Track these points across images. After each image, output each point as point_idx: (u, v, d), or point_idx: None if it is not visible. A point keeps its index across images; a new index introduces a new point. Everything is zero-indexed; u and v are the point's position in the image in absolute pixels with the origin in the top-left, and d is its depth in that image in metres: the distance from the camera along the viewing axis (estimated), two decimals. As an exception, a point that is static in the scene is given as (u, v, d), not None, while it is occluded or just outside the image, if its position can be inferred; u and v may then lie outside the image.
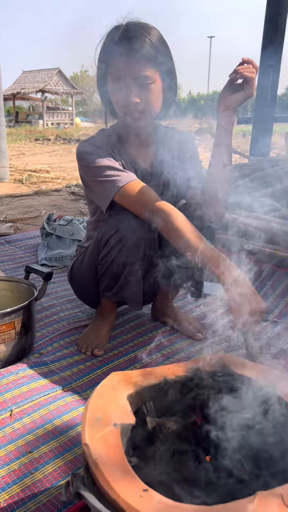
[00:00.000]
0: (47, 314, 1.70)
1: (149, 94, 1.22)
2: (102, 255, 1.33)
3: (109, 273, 1.35)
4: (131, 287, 1.36)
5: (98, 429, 0.66)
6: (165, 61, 1.22)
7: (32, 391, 1.20)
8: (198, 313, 1.80)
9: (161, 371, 0.86)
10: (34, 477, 0.93)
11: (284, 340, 1.59)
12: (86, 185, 1.35)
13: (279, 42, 3.58)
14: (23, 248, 2.56)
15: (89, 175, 1.29)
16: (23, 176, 5.60)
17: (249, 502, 0.56)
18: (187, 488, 0.64)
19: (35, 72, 23.68)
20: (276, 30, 3.54)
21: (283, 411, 0.75)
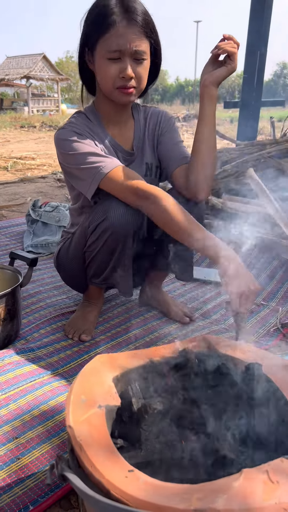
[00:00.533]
0: (33, 301, 1.68)
1: (142, 70, 1.20)
2: (90, 242, 1.31)
3: (97, 260, 1.33)
4: (120, 274, 1.34)
5: (83, 411, 0.65)
6: (156, 38, 1.22)
7: (18, 378, 1.19)
8: (187, 297, 1.79)
9: (147, 352, 0.85)
10: (20, 462, 0.93)
11: (270, 321, 1.60)
12: (67, 172, 1.30)
13: (265, 26, 3.54)
14: (9, 235, 2.53)
15: (70, 162, 1.24)
16: (8, 164, 5.51)
17: (235, 479, 0.56)
18: (173, 467, 0.64)
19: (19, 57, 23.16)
20: (262, 14, 3.50)
21: (269, 389, 0.75)
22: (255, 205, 2.44)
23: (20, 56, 23.26)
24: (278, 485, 0.55)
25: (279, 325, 1.57)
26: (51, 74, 22.67)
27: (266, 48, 3.66)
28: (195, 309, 1.68)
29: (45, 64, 22.55)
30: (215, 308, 1.71)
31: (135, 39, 1.13)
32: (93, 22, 1.16)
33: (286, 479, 0.56)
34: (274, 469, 0.57)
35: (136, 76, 1.19)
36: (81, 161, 1.21)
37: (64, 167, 1.30)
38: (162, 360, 0.84)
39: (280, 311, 1.67)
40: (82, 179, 1.24)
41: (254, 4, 3.52)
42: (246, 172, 2.17)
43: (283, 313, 1.66)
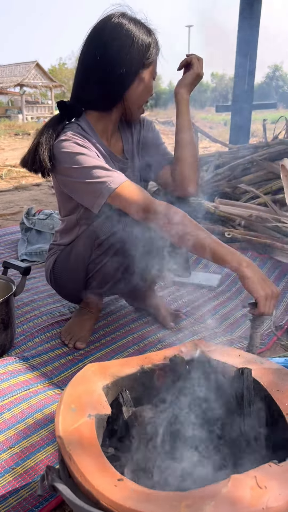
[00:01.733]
0: (27, 310, 1.69)
1: None
2: (96, 254, 1.30)
3: (103, 272, 1.32)
4: (128, 285, 1.35)
5: (73, 420, 0.66)
6: None
7: (12, 387, 1.19)
8: (181, 302, 1.80)
9: (138, 360, 0.86)
10: (15, 472, 0.93)
11: (264, 324, 1.60)
12: (68, 186, 1.27)
13: (254, 31, 3.58)
14: (3, 244, 2.53)
15: (75, 176, 1.21)
16: (2, 172, 5.52)
17: (223, 486, 0.56)
18: (163, 475, 0.64)
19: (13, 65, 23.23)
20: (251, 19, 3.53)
21: (259, 394, 0.76)
22: (248, 208, 2.45)
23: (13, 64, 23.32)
24: (266, 490, 0.56)
25: (273, 327, 1.58)
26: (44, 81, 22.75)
27: (256, 52, 3.70)
28: (189, 314, 1.69)
29: (38, 71, 22.62)
30: (208, 312, 1.72)
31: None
32: (145, 42, 1.24)
33: (274, 484, 0.57)
34: (262, 474, 0.58)
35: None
36: (87, 175, 1.19)
37: (64, 180, 1.26)
38: (153, 367, 0.85)
39: (274, 314, 1.67)
40: (88, 193, 1.22)
41: (243, 10, 3.55)
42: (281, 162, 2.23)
43: (277, 315, 1.67)
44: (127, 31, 1.21)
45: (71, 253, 1.40)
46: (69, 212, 1.40)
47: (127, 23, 1.21)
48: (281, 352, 1.45)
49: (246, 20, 3.56)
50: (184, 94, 1.32)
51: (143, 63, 1.24)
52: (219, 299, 1.84)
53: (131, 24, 1.22)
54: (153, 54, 1.26)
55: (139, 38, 1.22)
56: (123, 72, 1.23)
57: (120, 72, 1.23)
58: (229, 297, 1.85)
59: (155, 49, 1.26)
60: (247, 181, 2.88)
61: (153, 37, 1.26)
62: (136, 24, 1.23)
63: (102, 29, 1.22)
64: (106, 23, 1.22)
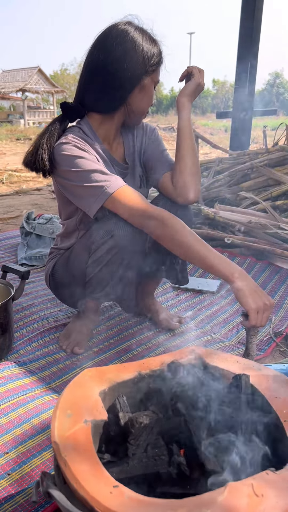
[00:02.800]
0: (26, 314, 1.68)
1: None
2: (94, 258, 1.30)
3: (100, 277, 1.32)
4: (124, 290, 1.35)
5: (68, 426, 0.65)
6: None
7: (9, 392, 1.18)
8: (180, 307, 1.80)
9: (135, 365, 0.85)
10: (11, 478, 0.92)
11: (263, 330, 1.60)
12: (67, 189, 1.28)
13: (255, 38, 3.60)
14: (3, 248, 2.53)
15: (73, 179, 1.22)
16: (3, 176, 5.53)
17: (219, 493, 0.56)
18: (159, 482, 0.64)
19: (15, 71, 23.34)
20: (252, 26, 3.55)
21: (256, 401, 0.75)
22: (248, 214, 2.45)
23: (16, 70, 23.45)
24: (263, 498, 0.55)
25: (272, 334, 1.57)
26: (46, 87, 22.85)
27: (257, 60, 3.71)
28: (188, 319, 1.68)
29: (40, 77, 22.73)
30: (207, 317, 1.71)
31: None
32: (152, 50, 1.26)
33: (271, 492, 0.56)
34: (259, 482, 0.57)
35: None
36: (85, 178, 1.20)
37: (63, 183, 1.27)
38: (150, 372, 0.84)
39: (273, 320, 1.67)
40: (85, 197, 1.23)
41: (244, 17, 3.57)
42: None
43: (276, 321, 1.67)
44: (132, 38, 1.22)
45: (69, 257, 1.40)
46: (69, 216, 1.40)
47: (133, 31, 1.23)
48: (280, 358, 1.44)
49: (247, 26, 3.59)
50: (186, 102, 1.33)
51: (146, 70, 1.26)
52: (218, 304, 1.84)
53: (136, 32, 1.23)
54: (156, 63, 1.27)
55: (143, 46, 1.23)
56: (126, 77, 1.24)
57: (123, 76, 1.24)
58: (228, 303, 1.84)
59: (158, 58, 1.27)
60: (247, 187, 2.89)
61: (158, 47, 1.28)
62: (141, 33, 1.25)
63: (108, 35, 1.23)
64: (112, 29, 1.23)
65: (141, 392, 0.82)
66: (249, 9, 3.54)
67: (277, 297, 1.86)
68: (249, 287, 1.08)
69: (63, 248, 1.45)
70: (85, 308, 1.51)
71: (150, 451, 0.68)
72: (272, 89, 41.54)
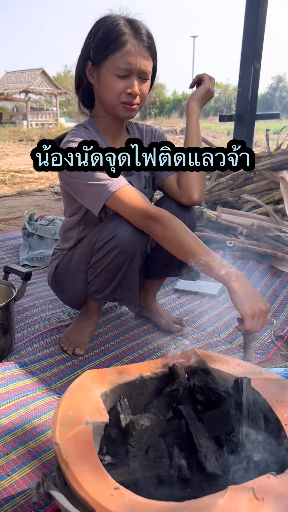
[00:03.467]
0: (27, 315, 1.68)
1: (145, 88, 1.26)
2: (96, 259, 1.30)
3: (101, 277, 1.32)
4: (126, 290, 1.35)
5: (69, 427, 0.65)
6: (156, 59, 1.29)
7: (10, 392, 1.18)
8: (181, 310, 1.80)
9: (136, 368, 0.85)
10: (11, 479, 0.92)
11: (264, 334, 1.60)
12: (71, 186, 1.28)
13: (259, 42, 3.60)
14: (5, 249, 2.53)
15: (77, 177, 1.23)
16: (5, 177, 5.54)
17: (220, 497, 0.56)
18: (160, 484, 0.64)
19: (19, 72, 23.41)
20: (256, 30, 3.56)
21: (258, 404, 0.75)
22: (250, 218, 2.45)
23: (19, 71, 23.51)
24: (264, 502, 0.55)
25: (273, 337, 1.57)
26: (49, 88, 22.90)
27: (260, 63, 3.72)
28: (189, 322, 1.69)
29: (43, 78, 22.79)
30: (209, 320, 1.71)
31: (144, 59, 1.21)
32: (102, 39, 1.21)
33: (271, 496, 0.56)
34: (259, 486, 0.57)
35: (140, 93, 1.25)
36: (88, 176, 1.20)
37: (68, 180, 1.28)
38: (152, 375, 0.84)
39: (274, 323, 1.67)
40: (88, 195, 1.23)
41: (248, 20, 3.58)
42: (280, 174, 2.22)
43: (278, 325, 1.66)
44: (99, 22, 1.22)
45: (72, 258, 1.41)
46: (73, 213, 1.42)
47: (102, 19, 1.22)
48: (281, 362, 1.44)
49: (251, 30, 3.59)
50: (195, 107, 1.34)
51: (89, 57, 1.23)
52: (219, 307, 1.83)
53: (103, 20, 1.21)
54: (117, 46, 1.18)
55: (110, 27, 1.19)
56: (80, 66, 1.26)
57: (79, 64, 1.27)
58: (230, 306, 1.84)
59: (107, 46, 1.19)
60: (249, 190, 2.89)
61: (127, 30, 1.18)
62: (115, 19, 1.20)
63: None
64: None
65: (142, 394, 0.82)
66: (253, 12, 3.54)
67: (278, 301, 1.86)
68: (245, 291, 1.06)
69: (66, 248, 1.46)
70: (86, 309, 1.51)
71: (151, 453, 0.68)
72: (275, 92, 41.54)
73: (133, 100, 1.24)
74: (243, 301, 1.05)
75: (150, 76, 1.27)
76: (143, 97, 1.27)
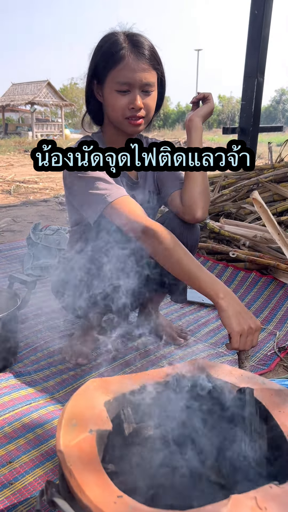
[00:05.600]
0: (31, 324, 1.69)
1: (150, 101, 1.26)
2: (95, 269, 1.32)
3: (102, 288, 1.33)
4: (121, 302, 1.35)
5: (73, 435, 0.66)
6: (162, 70, 1.29)
7: (14, 401, 1.19)
8: (183, 320, 1.80)
9: (140, 377, 0.86)
10: (13, 488, 0.92)
11: (267, 345, 1.60)
12: (72, 194, 1.31)
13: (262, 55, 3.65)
14: (9, 258, 2.55)
15: (78, 185, 1.25)
16: (11, 187, 5.59)
17: (223, 506, 0.56)
18: (163, 493, 0.64)
19: (24, 84, 23.72)
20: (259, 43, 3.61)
21: (260, 414, 0.76)
22: (253, 229, 2.47)
23: (25, 83, 23.81)
24: (266, 511, 0.55)
25: (276, 349, 1.57)
26: (55, 100, 23.16)
27: (263, 77, 3.76)
28: (193, 332, 1.69)
29: (49, 90, 23.05)
30: (212, 331, 1.72)
31: (144, 72, 1.21)
32: (102, 56, 1.22)
33: (274, 506, 0.56)
34: (262, 495, 0.58)
35: (145, 106, 1.25)
36: (88, 185, 1.22)
37: (69, 189, 1.30)
38: (154, 384, 0.85)
39: (277, 335, 1.67)
40: (87, 203, 1.24)
41: (251, 34, 3.63)
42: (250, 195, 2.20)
43: (280, 336, 1.67)
44: (102, 40, 1.24)
45: (74, 267, 1.42)
46: (76, 223, 1.43)
47: (111, 33, 1.23)
48: (283, 373, 1.44)
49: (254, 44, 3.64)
50: (199, 123, 1.33)
51: (94, 76, 1.25)
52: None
53: (112, 34, 1.22)
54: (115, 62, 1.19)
55: (109, 44, 1.20)
56: (92, 76, 1.27)
57: (90, 76, 1.28)
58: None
59: (108, 64, 1.20)
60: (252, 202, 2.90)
61: (125, 45, 1.19)
62: (115, 35, 1.22)
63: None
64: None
65: (146, 403, 0.82)
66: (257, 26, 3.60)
67: (281, 312, 1.86)
68: (233, 308, 1.04)
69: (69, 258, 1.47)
70: (89, 319, 1.52)
71: (154, 462, 0.68)
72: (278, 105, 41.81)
73: (137, 114, 1.24)
74: (230, 318, 1.02)
75: (154, 87, 1.26)
76: (149, 110, 1.27)
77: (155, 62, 1.24)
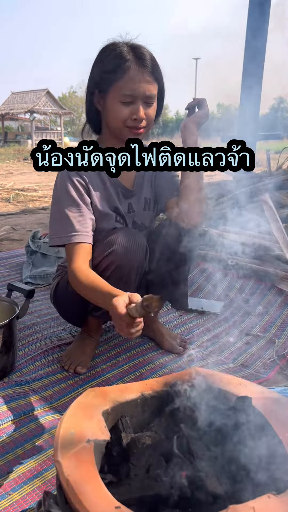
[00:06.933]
0: (30, 332, 1.69)
1: (151, 112, 1.29)
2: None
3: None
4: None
5: (71, 446, 0.66)
6: (162, 81, 1.31)
7: (12, 410, 1.18)
8: (183, 328, 1.80)
9: (138, 386, 0.86)
10: (11, 498, 0.92)
11: (267, 353, 1.59)
12: (52, 203, 1.35)
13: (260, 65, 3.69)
14: (8, 266, 2.55)
15: (58, 199, 1.30)
16: (10, 195, 5.61)
17: (221, 516, 0.56)
18: (161, 503, 0.64)
19: (24, 93, 23.90)
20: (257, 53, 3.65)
21: (258, 423, 0.75)
22: (251, 236, 2.47)
23: (25, 92, 23.99)
24: (265, 522, 0.55)
25: (275, 356, 1.57)
26: (54, 108, 23.31)
27: (261, 85, 3.80)
28: (191, 340, 1.69)
29: (48, 99, 23.22)
30: (211, 339, 1.71)
31: (147, 84, 1.23)
32: (106, 67, 1.24)
33: (272, 516, 0.56)
34: (260, 506, 0.57)
35: (146, 117, 1.27)
36: (65, 206, 1.27)
37: (52, 197, 1.35)
38: (153, 393, 0.85)
39: (276, 343, 1.67)
40: (57, 220, 1.29)
41: (249, 44, 3.67)
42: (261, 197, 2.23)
43: (280, 344, 1.66)
44: (103, 50, 1.26)
45: None
46: None
47: (112, 44, 1.25)
48: (283, 382, 1.44)
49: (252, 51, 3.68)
50: (194, 128, 1.34)
51: (98, 86, 1.27)
52: (221, 326, 1.84)
53: (115, 45, 1.24)
54: (120, 73, 1.21)
55: (113, 56, 1.22)
56: (89, 93, 1.30)
57: (88, 92, 1.30)
58: (232, 325, 1.84)
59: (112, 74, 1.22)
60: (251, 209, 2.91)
61: (130, 57, 1.21)
62: (118, 46, 1.24)
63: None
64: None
65: (144, 413, 0.82)
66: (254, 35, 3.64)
67: (280, 320, 1.86)
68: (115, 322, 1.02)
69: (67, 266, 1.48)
70: (87, 328, 1.52)
71: (152, 472, 0.68)
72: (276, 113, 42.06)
73: (139, 125, 1.27)
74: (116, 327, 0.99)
75: (155, 99, 1.29)
76: (150, 120, 1.30)
77: (157, 74, 1.27)
